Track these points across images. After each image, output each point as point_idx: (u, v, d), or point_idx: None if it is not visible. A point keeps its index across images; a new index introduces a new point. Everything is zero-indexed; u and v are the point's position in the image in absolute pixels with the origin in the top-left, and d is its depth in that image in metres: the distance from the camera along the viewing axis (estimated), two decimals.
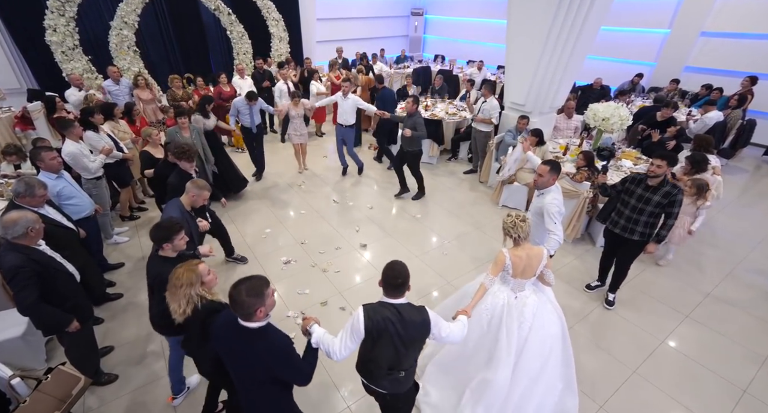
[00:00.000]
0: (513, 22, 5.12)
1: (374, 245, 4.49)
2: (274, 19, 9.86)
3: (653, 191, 3.14)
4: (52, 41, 7.76)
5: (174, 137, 4.37)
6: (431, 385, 2.67)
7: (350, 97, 5.48)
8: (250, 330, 1.69)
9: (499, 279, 2.49)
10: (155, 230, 2.22)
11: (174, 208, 2.91)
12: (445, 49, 13.19)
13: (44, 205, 2.82)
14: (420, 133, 4.87)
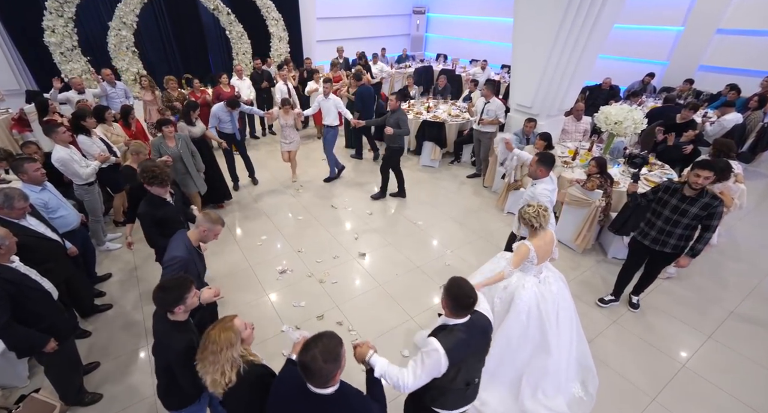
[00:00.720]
0: (520, 20, 4.90)
1: (373, 254, 4.31)
2: (273, 19, 9.70)
3: (690, 202, 2.92)
4: (50, 42, 7.67)
5: (158, 148, 4.03)
6: (486, 393, 2.62)
7: (331, 99, 5.39)
8: (324, 397, 1.43)
9: (519, 269, 2.56)
10: (163, 294, 1.77)
11: (179, 245, 2.34)
12: (447, 48, 12.96)
13: (26, 216, 2.68)
14: (403, 130, 4.84)
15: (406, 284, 3.85)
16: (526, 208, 2.50)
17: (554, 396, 2.60)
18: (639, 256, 3.41)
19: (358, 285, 3.84)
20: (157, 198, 2.87)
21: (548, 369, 2.57)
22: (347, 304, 3.60)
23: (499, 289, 2.64)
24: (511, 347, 2.58)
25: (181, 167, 4.13)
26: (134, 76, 8.56)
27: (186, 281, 1.83)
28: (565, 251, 4.39)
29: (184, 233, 2.46)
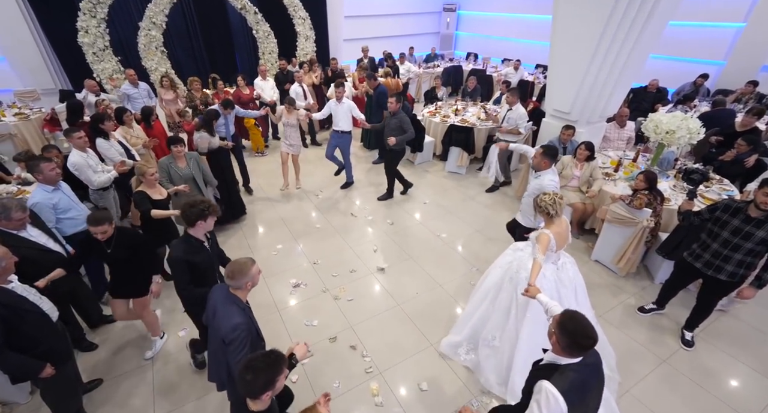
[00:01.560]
0: (560, 17, 4.46)
1: (392, 269, 4.04)
2: (300, 18, 9.58)
3: (757, 224, 2.54)
4: (83, 42, 7.85)
5: (167, 169, 3.69)
6: None
7: (345, 103, 5.11)
8: None
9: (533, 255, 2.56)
10: (253, 377, 1.47)
11: (232, 310, 1.95)
12: (478, 47, 12.46)
13: (26, 226, 2.59)
14: (407, 134, 4.72)
15: (426, 305, 3.56)
16: (542, 196, 2.54)
17: None
18: (686, 276, 3.12)
19: (374, 304, 3.58)
20: (195, 240, 2.39)
21: None
22: (362, 325, 3.35)
23: (521, 280, 2.61)
24: (540, 337, 2.47)
25: (193, 189, 3.86)
26: (162, 75, 8.67)
27: (279, 360, 1.54)
28: (606, 274, 3.96)
29: (227, 290, 1.96)
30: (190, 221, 2.34)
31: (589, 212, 4.37)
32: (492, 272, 2.91)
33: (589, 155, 4.21)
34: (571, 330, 1.52)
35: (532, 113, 6.46)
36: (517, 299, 2.62)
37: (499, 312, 2.76)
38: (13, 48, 7.99)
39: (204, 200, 2.41)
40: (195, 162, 3.87)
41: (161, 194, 3.37)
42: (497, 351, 2.76)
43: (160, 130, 5.15)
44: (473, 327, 2.94)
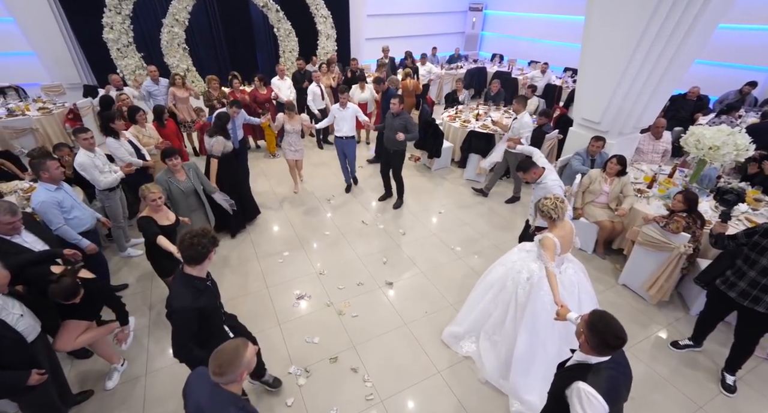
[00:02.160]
0: (595, 18, 4.12)
1: (402, 284, 3.83)
2: (322, 16, 9.45)
3: None
4: (108, 38, 7.95)
5: (165, 184, 3.37)
6: (528, 395, 2.60)
7: (350, 108, 4.92)
8: None
9: (540, 259, 2.56)
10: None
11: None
12: (504, 48, 12.05)
13: (20, 231, 2.51)
14: (412, 136, 4.56)
15: (435, 327, 3.33)
16: (544, 201, 2.52)
17: None
18: (719, 307, 2.82)
19: (380, 322, 3.38)
20: (198, 281, 1.99)
21: None
22: (366, 345, 3.15)
23: (522, 280, 2.64)
24: (540, 339, 2.57)
25: (194, 202, 3.61)
26: (183, 72, 8.72)
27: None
28: (634, 300, 3.63)
29: (213, 387, 1.52)
30: (199, 257, 1.93)
31: (617, 232, 4.03)
32: (496, 267, 2.95)
33: (620, 169, 3.87)
34: (601, 330, 1.51)
35: (559, 120, 6.11)
36: (517, 300, 2.66)
37: (499, 309, 2.83)
38: (43, 43, 8.18)
39: (205, 228, 2.01)
40: (194, 172, 3.63)
41: (169, 219, 2.98)
42: (496, 345, 2.85)
43: (173, 129, 5.09)
44: (475, 319, 3.00)
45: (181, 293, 1.92)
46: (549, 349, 2.55)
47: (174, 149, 3.46)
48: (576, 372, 1.58)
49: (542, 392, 2.52)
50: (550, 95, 8.68)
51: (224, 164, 4.15)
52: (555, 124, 6.19)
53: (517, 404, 2.63)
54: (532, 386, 2.58)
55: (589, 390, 1.48)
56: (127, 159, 4.07)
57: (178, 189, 3.44)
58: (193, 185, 3.56)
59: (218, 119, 4.17)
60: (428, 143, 6.00)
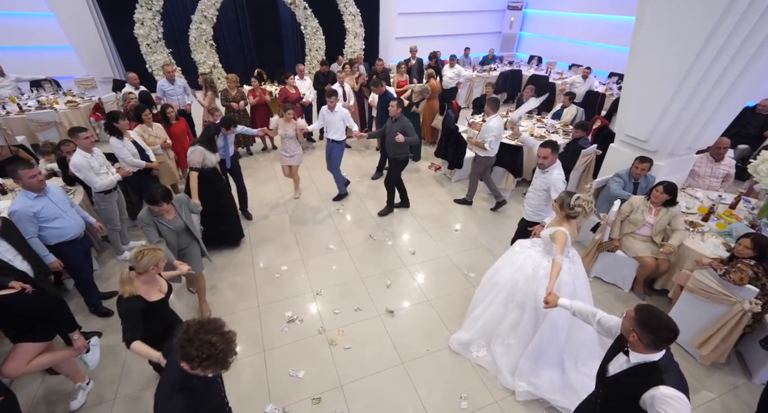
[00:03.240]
0: (648, 18, 3.52)
1: (404, 313, 3.44)
2: (351, 14, 9.17)
3: None
4: (139, 34, 8.05)
5: (154, 224, 2.81)
6: (536, 378, 2.68)
7: (338, 111, 4.71)
8: None
9: (549, 254, 2.63)
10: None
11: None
12: (543, 50, 11.28)
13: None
14: (413, 138, 4.35)
15: (436, 368, 2.93)
16: (579, 200, 2.47)
17: (591, 364, 2.68)
18: None
19: (375, 358, 3.01)
20: (198, 381, 1.53)
21: (583, 341, 2.68)
22: (355, 386, 2.80)
23: (539, 279, 2.60)
24: (556, 329, 2.60)
25: (185, 239, 3.04)
26: (210, 69, 8.73)
27: None
28: (680, 358, 3.02)
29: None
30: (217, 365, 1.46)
31: (662, 271, 3.43)
32: (501, 269, 2.89)
33: (669, 199, 3.28)
34: (655, 326, 1.49)
35: (599, 132, 5.48)
36: (537, 299, 2.58)
37: (514, 313, 2.77)
38: (79, 38, 8.42)
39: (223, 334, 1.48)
40: (185, 207, 3.04)
41: (161, 290, 2.27)
42: (511, 349, 2.79)
43: (182, 129, 4.96)
44: (484, 324, 2.93)
45: (175, 400, 1.46)
46: (561, 336, 2.63)
47: (156, 198, 2.68)
48: (646, 375, 1.53)
49: (550, 376, 2.68)
50: (592, 103, 7.92)
51: (205, 179, 3.71)
52: (594, 137, 5.56)
53: (523, 384, 2.67)
54: (541, 369, 2.68)
55: (674, 393, 1.43)
56: (129, 160, 3.95)
57: (167, 229, 2.87)
58: (184, 222, 2.97)
59: (206, 129, 3.84)
60: (449, 152, 5.55)
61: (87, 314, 3.39)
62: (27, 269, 2.62)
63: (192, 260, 3.02)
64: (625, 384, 1.61)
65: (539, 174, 3.32)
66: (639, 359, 1.57)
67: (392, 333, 3.24)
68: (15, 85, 7.20)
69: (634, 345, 1.56)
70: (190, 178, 3.66)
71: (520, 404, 2.66)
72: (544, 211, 3.37)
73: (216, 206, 3.89)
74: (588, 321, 2.01)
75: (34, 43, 8.28)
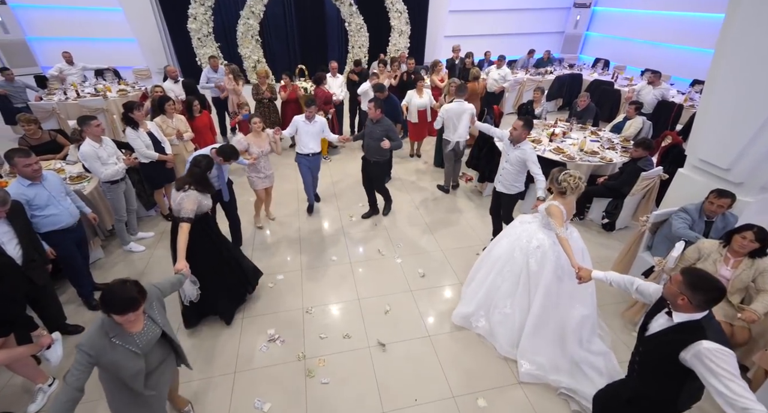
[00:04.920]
0: (741, 16, 2.72)
1: (398, 349, 2.99)
2: (397, 11, 8.81)
3: None
4: (191, 28, 8.36)
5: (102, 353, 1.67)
6: (537, 356, 2.72)
7: (318, 122, 4.21)
8: None
9: (545, 227, 2.73)
10: None
11: None
12: (612, 52, 10.08)
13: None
14: (396, 143, 4.04)
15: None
16: (566, 176, 2.58)
17: (592, 340, 2.79)
18: None
19: (353, 400, 2.61)
20: None
21: (584, 317, 2.73)
22: None
23: (531, 249, 2.71)
24: (552, 303, 2.67)
25: (157, 355, 1.90)
26: (254, 64, 8.84)
27: None
28: None
29: None
30: None
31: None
32: (499, 242, 3.00)
33: (758, 248, 2.48)
34: (706, 287, 1.54)
35: (668, 151, 4.59)
36: (529, 270, 2.72)
37: (509, 281, 2.85)
38: (142, 31, 8.95)
39: None
40: (158, 305, 1.93)
41: None
42: (508, 317, 2.86)
43: (205, 122, 4.91)
44: (483, 296, 3.00)
45: None
46: (561, 311, 2.69)
47: (117, 301, 1.61)
48: (689, 333, 1.57)
49: (552, 353, 2.70)
50: (665, 116, 6.79)
51: (197, 228, 2.69)
52: (661, 156, 4.67)
53: (526, 364, 2.71)
54: (543, 347, 2.72)
55: (719, 347, 1.48)
56: (142, 151, 3.92)
57: (128, 353, 1.72)
58: (160, 328, 1.86)
59: (195, 165, 2.82)
60: (481, 163, 4.97)
61: (78, 305, 3.36)
62: (16, 256, 2.56)
63: (162, 387, 1.96)
64: (665, 341, 1.65)
65: (512, 149, 3.48)
66: (682, 318, 1.62)
67: (379, 371, 2.81)
68: (81, 73, 7.76)
69: (682, 307, 1.60)
70: (180, 233, 2.54)
71: None
72: (519, 182, 3.63)
73: (219, 260, 2.99)
74: (626, 289, 2.05)
75: (102, 35, 8.94)
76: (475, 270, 3.19)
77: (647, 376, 1.76)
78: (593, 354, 2.69)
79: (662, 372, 1.68)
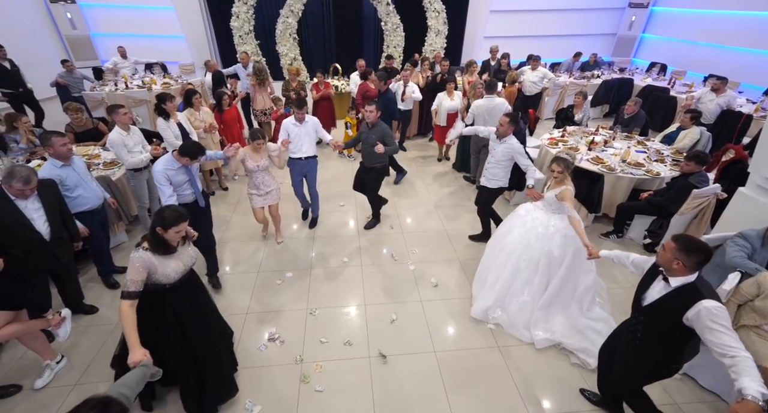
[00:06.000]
0: None
1: (400, 362, 2.81)
2: (435, 11, 8.58)
3: None
4: (234, 26, 8.62)
5: None
6: (547, 323, 2.90)
7: (309, 122, 3.90)
8: None
9: (554, 213, 2.91)
10: None
11: None
12: (670, 56, 9.25)
13: (26, 198, 2.51)
14: (392, 147, 3.88)
15: None
16: (563, 154, 2.83)
17: (592, 309, 3.02)
18: None
19: (347, 411, 2.47)
20: None
21: (587, 288, 2.94)
22: None
23: (550, 235, 2.86)
24: (569, 281, 2.89)
25: None
26: (290, 61, 8.98)
27: None
28: None
29: None
30: None
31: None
32: (510, 232, 3.08)
33: None
34: (699, 248, 1.67)
35: (728, 167, 4.06)
36: (550, 255, 2.85)
37: (527, 271, 2.95)
38: (190, 28, 9.38)
39: None
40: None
41: None
42: (526, 305, 2.96)
43: (233, 115, 4.98)
44: (501, 287, 3.05)
45: None
46: (572, 285, 2.91)
47: None
48: (689, 295, 1.67)
49: (561, 320, 2.90)
50: (729, 127, 6.07)
51: (158, 311, 2.02)
52: (720, 172, 4.13)
53: (539, 333, 2.86)
54: (552, 316, 2.91)
55: (716, 304, 1.60)
56: (170, 140, 4.04)
57: None
58: None
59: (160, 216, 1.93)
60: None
61: (96, 284, 3.48)
62: (45, 232, 2.66)
63: None
64: (668, 307, 1.75)
65: (498, 145, 3.51)
66: (679, 282, 1.73)
67: (377, 384, 2.64)
68: (133, 67, 8.27)
69: (677, 271, 1.71)
70: (120, 315, 1.85)
71: None
72: (501, 177, 3.67)
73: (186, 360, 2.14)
74: (623, 262, 2.22)
75: (155, 32, 9.46)
76: (485, 266, 3.27)
77: (651, 343, 1.86)
78: (593, 320, 2.93)
79: (668, 338, 1.80)
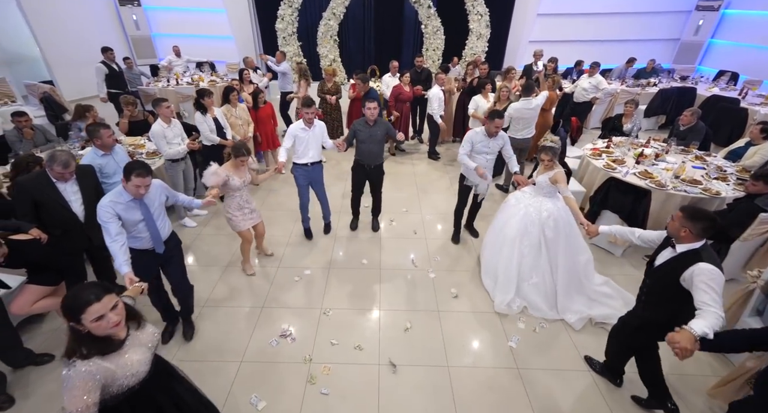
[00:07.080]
0: None
1: (409, 373, 2.69)
2: (477, 14, 8.38)
3: None
4: (278, 28, 8.93)
5: None
6: (572, 304, 3.11)
7: (317, 126, 3.64)
8: None
9: (546, 197, 3.10)
10: None
11: None
12: (743, 63, 8.39)
13: (66, 180, 2.67)
14: (395, 132, 3.92)
15: None
16: (547, 142, 2.98)
17: (597, 277, 3.25)
18: None
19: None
20: None
21: (587, 261, 3.13)
22: None
23: (544, 219, 3.03)
24: (571, 262, 3.06)
25: None
26: (330, 62, 9.14)
27: None
28: None
29: None
30: None
31: None
32: (508, 223, 3.21)
33: None
34: (707, 216, 1.82)
35: None
36: (545, 238, 3.04)
37: (530, 255, 3.11)
38: (239, 30, 9.83)
39: None
40: None
41: None
42: (538, 286, 3.12)
43: (268, 112, 5.11)
44: (517, 277, 3.17)
45: None
46: (574, 264, 3.07)
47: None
48: (689, 258, 1.81)
49: (581, 299, 3.12)
50: None
51: None
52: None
53: (571, 316, 3.03)
54: (573, 299, 3.10)
55: (710, 267, 1.73)
56: (206, 134, 4.21)
57: None
58: None
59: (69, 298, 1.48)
60: None
61: None
62: (80, 214, 2.82)
63: None
64: (669, 269, 1.90)
65: (491, 141, 3.53)
66: (684, 248, 1.88)
67: (384, 394, 2.54)
68: (185, 65, 8.79)
69: (685, 238, 1.86)
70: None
71: None
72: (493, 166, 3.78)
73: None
74: (629, 239, 2.29)
75: (206, 32, 10.01)
76: (490, 260, 3.38)
77: (652, 303, 2.05)
78: (598, 285, 3.18)
79: (666, 297, 1.97)
